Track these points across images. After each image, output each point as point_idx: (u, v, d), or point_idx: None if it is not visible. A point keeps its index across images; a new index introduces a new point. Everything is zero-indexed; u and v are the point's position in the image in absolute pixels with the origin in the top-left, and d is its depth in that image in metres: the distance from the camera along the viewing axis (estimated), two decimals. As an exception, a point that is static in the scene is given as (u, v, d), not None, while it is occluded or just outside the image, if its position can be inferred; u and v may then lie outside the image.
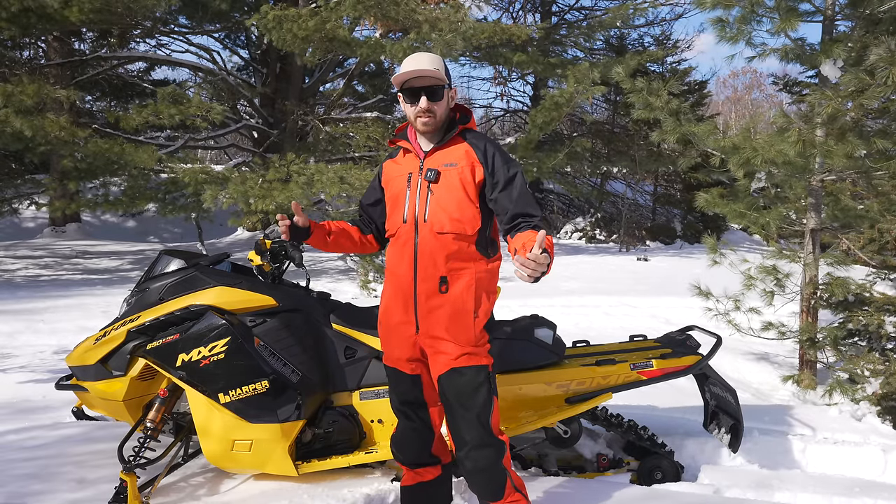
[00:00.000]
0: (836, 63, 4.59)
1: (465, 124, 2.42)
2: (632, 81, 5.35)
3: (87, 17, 8.55)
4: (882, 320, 4.53)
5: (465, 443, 2.31)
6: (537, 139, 11.79)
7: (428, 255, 2.31)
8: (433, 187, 2.33)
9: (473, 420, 2.29)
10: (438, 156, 2.37)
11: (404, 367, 2.43)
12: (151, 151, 9.13)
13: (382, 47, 9.51)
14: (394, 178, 2.46)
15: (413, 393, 2.45)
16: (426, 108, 2.30)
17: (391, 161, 2.54)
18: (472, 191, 2.32)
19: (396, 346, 2.43)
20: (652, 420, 3.74)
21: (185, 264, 2.98)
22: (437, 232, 2.30)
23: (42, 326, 6.32)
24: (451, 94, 2.40)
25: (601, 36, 16.62)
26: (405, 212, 2.37)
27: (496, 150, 2.35)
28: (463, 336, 2.30)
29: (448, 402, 2.34)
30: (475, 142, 2.37)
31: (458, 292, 2.30)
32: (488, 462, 2.31)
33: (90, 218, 15.40)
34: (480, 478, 2.34)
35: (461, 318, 2.30)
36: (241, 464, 2.83)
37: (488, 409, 2.31)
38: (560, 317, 4.01)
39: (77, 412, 3.64)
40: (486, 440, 2.30)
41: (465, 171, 2.31)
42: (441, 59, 2.38)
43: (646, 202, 18.23)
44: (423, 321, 2.34)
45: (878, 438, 3.96)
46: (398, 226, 2.40)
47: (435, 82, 2.31)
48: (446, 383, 2.32)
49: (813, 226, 4.99)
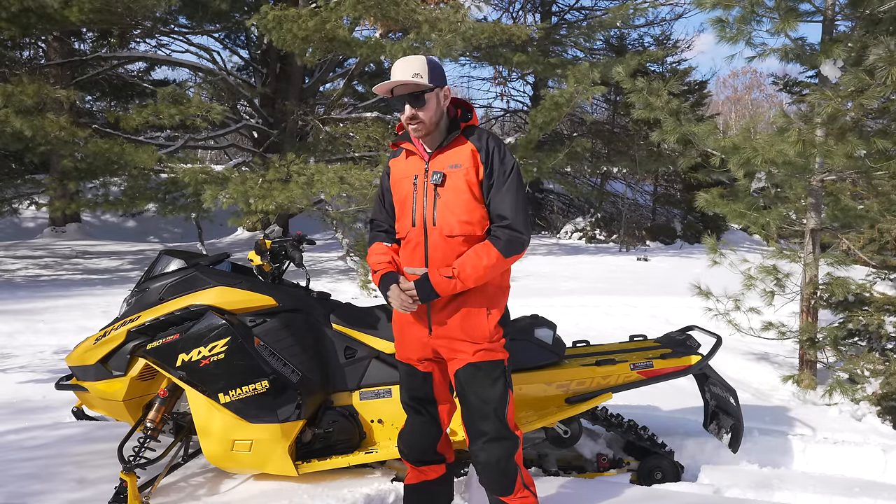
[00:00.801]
0: (836, 63, 4.58)
1: (467, 122, 2.39)
2: (632, 81, 5.35)
3: (87, 17, 8.55)
4: (882, 320, 4.53)
5: (481, 434, 2.33)
6: (537, 139, 11.78)
7: (440, 258, 2.31)
8: (440, 190, 2.32)
9: (490, 413, 2.31)
10: (443, 158, 2.35)
11: (416, 364, 2.44)
12: (151, 151, 9.14)
13: (382, 47, 9.51)
14: (400, 180, 2.45)
15: (423, 390, 2.47)
16: (410, 116, 2.30)
17: (396, 160, 2.51)
18: (478, 191, 2.31)
19: (409, 346, 2.44)
20: (652, 420, 3.74)
21: (185, 264, 2.98)
22: (446, 235, 2.30)
23: (42, 326, 6.32)
24: (442, 95, 2.35)
25: (601, 36, 16.61)
26: (413, 216, 2.37)
27: (498, 148, 2.33)
28: (478, 334, 2.32)
29: (465, 395, 2.35)
30: (478, 141, 2.34)
31: (469, 293, 2.31)
32: (503, 455, 2.32)
33: (90, 218, 15.39)
34: (493, 471, 2.34)
35: (474, 317, 2.32)
36: (241, 464, 2.83)
37: (504, 403, 2.33)
38: (560, 317, 4.00)
39: (77, 412, 3.64)
40: (503, 433, 2.32)
41: (470, 173, 2.30)
42: (426, 61, 2.32)
43: (646, 202, 18.23)
44: (435, 323, 2.35)
45: (878, 438, 3.96)
46: (407, 229, 2.39)
47: (414, 89, 2.28)
48: (463, 378, 2.34)
49: (813, 226, 4.99)
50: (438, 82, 2.33)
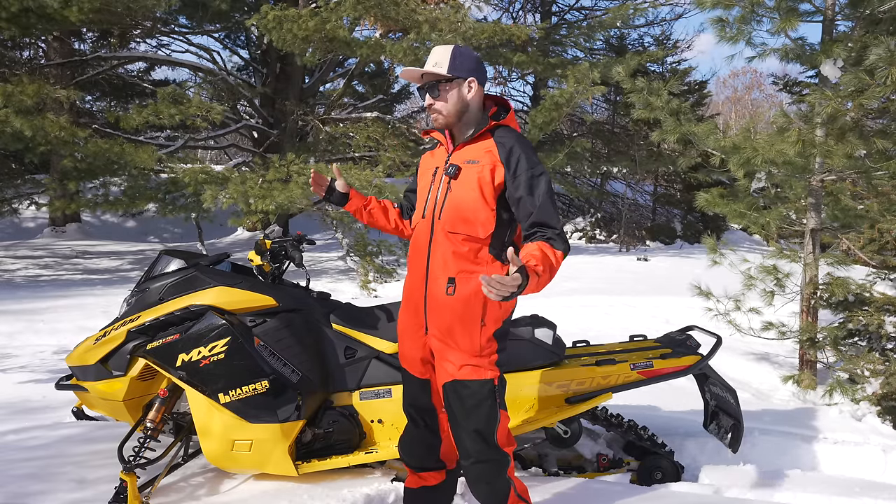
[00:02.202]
0: (836, 63, 4.59)
1: (500, 120, 2.29)
2: (632, 81, 5.35)
3: (87, 17, 8.55)
4: (882, 320, 4.53)
5: (467, 455, 2.27)
6: (537, 139, 11.78)
7: (440, 254, 2.25)
8: (452, 184, 2.25)
9: (474, 433, 2.23)
10: (464, 151, 2.28)
11: (416, 369, 2.40)
12: (151, 151, 9.14)
13: (382, 47, 9.51)
14: (425, 172, 2.43)
15: (422, 398, 2.42)
16: (428, 105, 2.29)
17: (429, 154, 2.50)
18: (489, 192, 2.20)
19: (409, 346, 2.40)
20: (652, 420, 3.74)
21: (185, 264, 2.98)
22: (448, 231, 2.23)
23: (42, 326, 6.32)
24: (466, 86, 2.27)
25: (601, 36, 16.61)
26: (425, 207, 2.33)
27: (523, 150, 2.20)
28: (467, 343, 2.22)
29: (451, 411, 2.28)
30: (503, 140, 2.23)
31: (465, 296, 2.21)
32: (490, 475, 2.26)
33: (90, 218, 15.39)
34: (483, 489, 2.29)
35: (467, 324, 2.21)
36: (241, 464, 2.83)
37: (492, 424, 2.23)
38: (560, 317, 4.00)
39: (77, 412, 3.64)
40: (487, 455, 2.24)
41: (484, 171, 2.20)
42: (450, 50, 2.26)
43: (646, 202, 18.22)
44: (431, 322, 2.29)
45: (878, 438, 3.96)
46: (418, 220, 2.37)
47: (431, 78, 2.26)
48: (450, 394, 2.26)
49: (813, 226, 4.99)
50: (462, 73, 2.25)
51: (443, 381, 2.28)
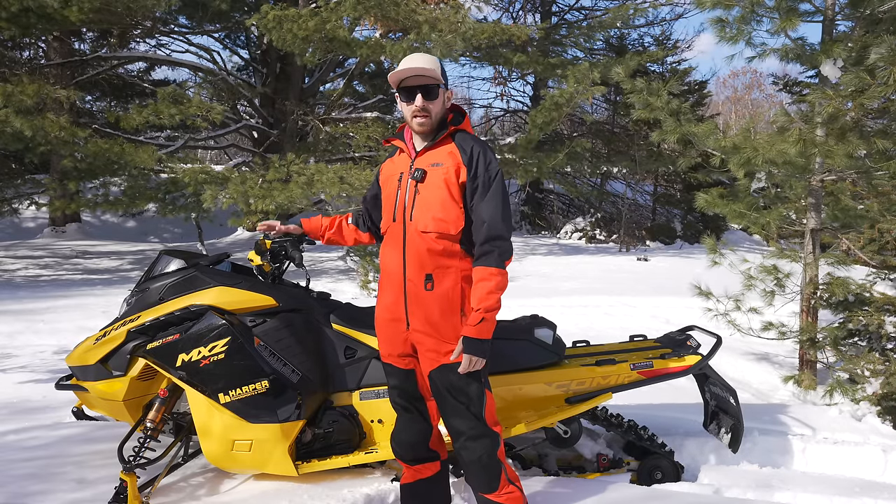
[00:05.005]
0: (837, 63, 4.59)
1: (457, 125, 2.44)
2: (632, 81, 5.35)
3: (87, 17, 8.55)
4: (882, 320, 4.53)
5: (459, 433, 2.39)
6: (537, 139, 11.78)
7: (414, 253, 2.36)
8: (420, 187, 2.38)
9: (466, 412, 2.36)
10: (428, 156, 2.41)
11: (398, 362, 2.49)
12: (151, 151, 9.14)
13: (382, 47, 9.51)
14: (388, 178, 2.52)
15: (409, 387, 2.51)
16: (421, 107, 2.35)
17: (389, 161, 2.60)
18: (456, 191, 2.35)
19: (390, 343, 2.49)
20: (652, 420, 3.74)
21: (185, 264, 2.98)
22: (420, 231, 2.35)
23: (42, 326, 6.32)
24: (447, 96, 2.44)
25: (601, 36, 16.63)
26: (395, 210, 2.43)
27: (481, 151, 2.37)
28: (450, 332, 2.34)
29: (440, 395, 2.40)
30: (462, 143, 2.39)
31: (444, 290, 2.35)
32: (483, 452, 2.37)
33: (90, 218, 15.39)
34: (476, 468, 2.39)
35: (448, 315, 2.35)
36: (241, 464, 2.83)
37: (481, 402, 2.37)
38: (560, 317, 4.01)
39: (77, 412, 3.64)
40: (481, 430, 2.36)
41: (449, 172, 2.34)
42: (438, 60, 2.42)
43: (646, 202, 18.24)
44: (412, 318, 2.39)
45: (878, 438, 3.95)
46: (388, 224, 2.47)
47: (431, 81, 2.35)
48: (437, 378, 2.38)
49: (813, 226, 4.99)
50: (446, 82, 2.42)
51: (429, 369, 2.40)
